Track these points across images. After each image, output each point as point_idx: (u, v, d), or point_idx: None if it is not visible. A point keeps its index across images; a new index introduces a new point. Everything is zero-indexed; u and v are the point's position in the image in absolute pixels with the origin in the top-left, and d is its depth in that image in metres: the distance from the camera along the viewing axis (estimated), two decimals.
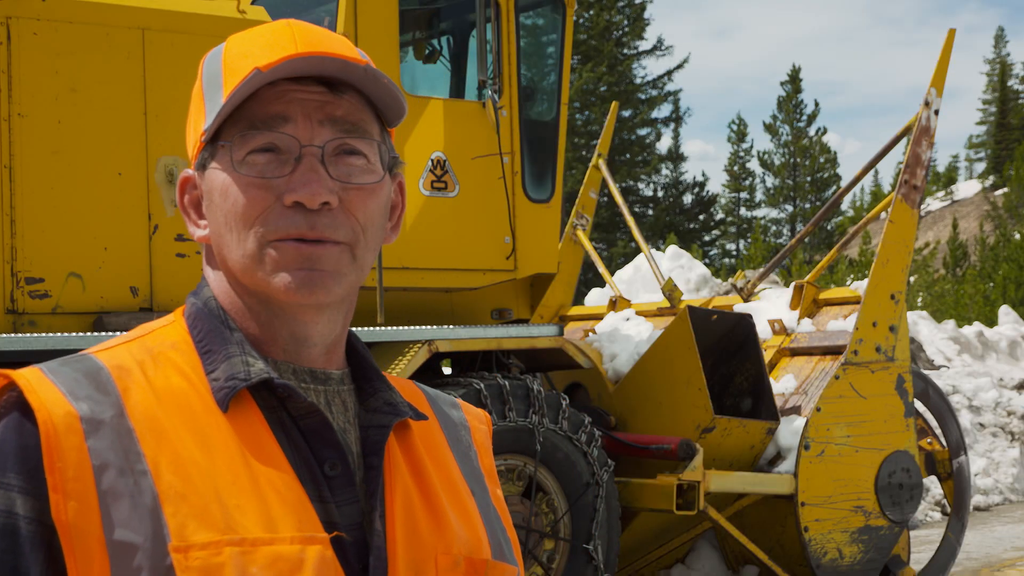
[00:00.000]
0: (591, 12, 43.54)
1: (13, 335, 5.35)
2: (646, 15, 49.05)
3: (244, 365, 1.32)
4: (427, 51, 7.56)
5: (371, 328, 6.24)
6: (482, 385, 6.25)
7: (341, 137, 1.35)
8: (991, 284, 35.44)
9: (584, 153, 39.12)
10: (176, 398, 1.29)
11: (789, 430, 6.98)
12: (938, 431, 8.21)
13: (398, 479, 1.36)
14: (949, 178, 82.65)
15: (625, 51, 45.46)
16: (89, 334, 5.43)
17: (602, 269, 8.93)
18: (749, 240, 46.29)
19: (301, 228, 1.32)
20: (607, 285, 8.98)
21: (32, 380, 1.27)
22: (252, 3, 6.55)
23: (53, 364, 1.31)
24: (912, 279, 36.11)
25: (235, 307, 1.38)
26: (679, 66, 51.15)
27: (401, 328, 6.36)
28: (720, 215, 55.85)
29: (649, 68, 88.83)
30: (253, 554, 1.23)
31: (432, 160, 6.85)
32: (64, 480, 1.21)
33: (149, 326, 1.39)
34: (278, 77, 1.34)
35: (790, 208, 59.16)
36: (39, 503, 1.22)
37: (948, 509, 8.98)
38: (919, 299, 34.96)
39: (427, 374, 6.76)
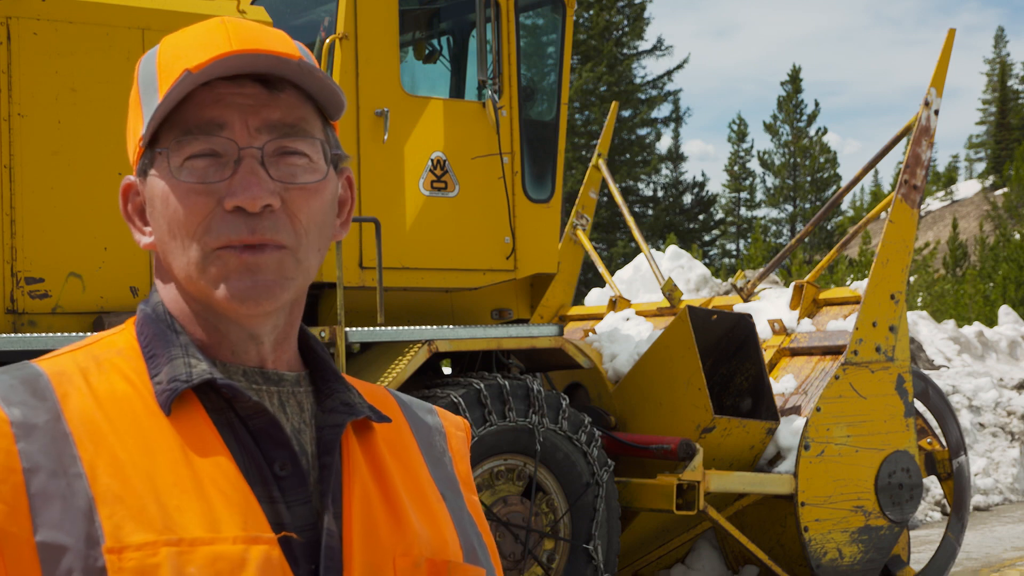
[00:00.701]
0: (591, 12, 43.53)
1: (13, 335, 5.36)
2: (646, 15, 49.02)
3: (186, 367, 1.31)
4: (427, 51, 7.56)
5: (371, 328, 6.24)
6: (482, 385, 6.25)
7: (279, 140, 1.33)
8: (991, 284, 35.44)
9: (584, 153, 39.12)
10: (119, 403, 1.28)
11: (789, 430, 6.98)
12: (938, 431, 8.21)
13: (356, 479, 1.34)
14: (949, 178, 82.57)
15: (625, 51, 45.44)
16: (89, 334, 5.43)
17: (602, 269, 8.93)
18: (749, 240, 46.28)
19: (242, 234, 1.30)
20: (607, 285, 8.98)
21: None
22: (252, 3, 6.55)
23: None
24: (912, 279, 36.09)
25: (183, 312, 1.36)
26: (679, 66, 51.12)
27: (401, 328, 6.36)
28: (720, 215, 55.86)
29: (649, 68, 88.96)
30: (191, 554, 1.20)
31: (432, 160, 6.85)
32: None
33: (98, 335, 1.39)
34: (211, 77, 1.31)
35: (790, 208, 59.16)
36: None
37: (948, 509, 8.98)
38: (919, 299, 34.94)
39: (427, 374, 6.76)
